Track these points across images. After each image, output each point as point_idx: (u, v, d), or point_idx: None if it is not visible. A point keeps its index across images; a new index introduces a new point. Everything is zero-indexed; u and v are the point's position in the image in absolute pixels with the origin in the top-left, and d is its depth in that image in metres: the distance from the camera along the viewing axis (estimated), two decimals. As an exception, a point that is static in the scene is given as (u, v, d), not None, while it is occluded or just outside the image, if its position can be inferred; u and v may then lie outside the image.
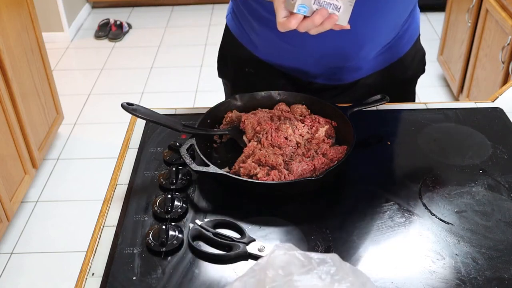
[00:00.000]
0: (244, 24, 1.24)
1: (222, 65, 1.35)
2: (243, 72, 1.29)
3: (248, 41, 1.25)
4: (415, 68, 1.32)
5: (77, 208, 2.46)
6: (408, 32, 1.23)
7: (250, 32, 1.23)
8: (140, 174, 1.01)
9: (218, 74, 1.37)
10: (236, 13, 1.26)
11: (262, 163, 0.96)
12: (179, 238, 0.86)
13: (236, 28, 1.27)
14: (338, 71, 1.21)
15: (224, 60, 1.34)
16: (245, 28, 1.24)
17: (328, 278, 0.68)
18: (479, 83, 2.63)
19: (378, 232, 0.89)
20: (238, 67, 1.30)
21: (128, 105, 0.99)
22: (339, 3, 0.88)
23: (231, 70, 1.33)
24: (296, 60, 1.20)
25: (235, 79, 1.33)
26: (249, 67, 1.27)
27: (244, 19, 1.23)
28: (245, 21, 1.23)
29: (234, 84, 1.33)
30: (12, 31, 2.33)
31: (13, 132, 2.28)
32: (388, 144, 1.08)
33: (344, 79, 1.24)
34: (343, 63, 1.19)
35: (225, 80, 1.37)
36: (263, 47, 1.23)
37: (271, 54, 1.22)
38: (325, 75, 1.23)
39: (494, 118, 1.16)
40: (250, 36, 1.23)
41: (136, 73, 3.51)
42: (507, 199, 0.94)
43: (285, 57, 1.21)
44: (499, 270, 0.82)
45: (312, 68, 1.21)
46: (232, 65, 1.32)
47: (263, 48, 1.23)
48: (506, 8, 2.30)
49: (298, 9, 0.87)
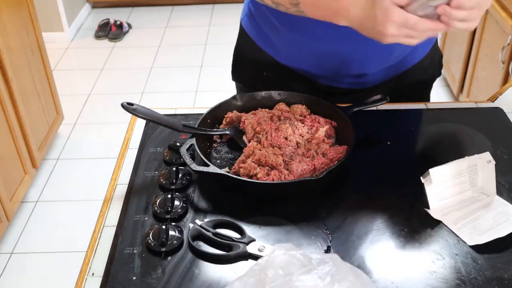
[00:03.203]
0: (264, 26, 1.19)
1: (238, 68, 1.31)
2: (261, 76, 1.24)
3: (268, 44, 1.20)
4: (432, 71, 1.29)
5: (77, 208, 2.46)
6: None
7: (272, 35, 1.18)
8: (140, 174, 1.01)
9: (232, 77, 1.33)
10: (254, 15, 1.21)
11: (262, 163, 0.96)
12: (179, 238, 0.86)
13: (253, 30, 1.22)
14: (361, 76, 1.18)
15: (240, 64, 1.30)
16: (265, 30, 1.19)
17: (328, 278, 0.68)
18: (479, 83, 2.63)
19: (378, 232, 0.89)
20: (256, 71, 1.25)
21: (128, 105, 0.99)
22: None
23: (248, 74, 1.28)
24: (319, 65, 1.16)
25: (252, 83, 1.27)
26: (267, 71, 1.23)
27: (265, 21, 1.18)
28: (266, 23, 1.18)
29: (251, 88, 1.24)
30: (12, 31, 2.33)
31: (13, 132, 2.28)
32: (388, 144, 1.08)
33: (367, 83, 1.21)
34: (368, 69, 1.16)
35: (240, 84, 1.33)
36: (285, 50, 1.18)
37: (294, 57, 1.18)
38: (348, 81, 1.19)
39: (494, 118, 1.16)
40: (272, 39, 1.19)
41: (136, 73, 3.51)
42: (507, 199, 0.94)
43: (308, 61, 1.17)
44: (499, 270, 0.82)
45: (336, 72, 1.17)
46: (249, 69, 1.27)
47: (285, 51, 1.18)
48: (506, 8, 2.30)
49: None
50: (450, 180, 0.92)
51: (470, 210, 0.92)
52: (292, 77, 1.21)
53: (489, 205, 0.93)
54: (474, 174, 0.94)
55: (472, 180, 0.94)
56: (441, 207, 0.91)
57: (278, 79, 1.23)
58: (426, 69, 1.26)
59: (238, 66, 1.31)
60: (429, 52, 1.24)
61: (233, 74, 1.33)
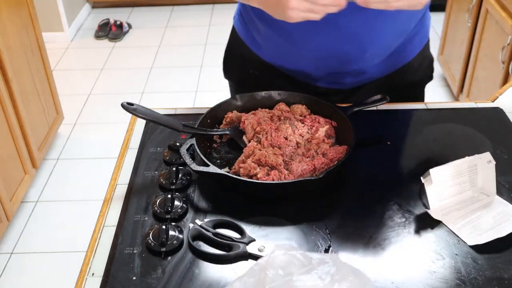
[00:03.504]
0: (250, 26, 1.23)
1: (228, 66, 1.34)
2: (248, 74, 1.28)
3: (253, 42, 1.24)
4: (422, 75, 1.29)
5: (77, 208, 2.46)
6: (416, 38, 1.21)
7: (255, 34, 1.22)
8: (140, 174, 1.01)
9: (223, 75, 1.36)
10: (243, 15, 1.25)
11: (262, 163, 0.96)
12: (179, 238, 0.86)
13: (242, 30, 1.26)
14: (341, 75, 1.20)
15: (230, 62, 1.33)
16: (251, 30, 1.23)
17: (328, 278, 0.68)
18: (479, 83, 2.63)
19: (378, 232, 0.89)
20: (243, 69, 1.29)
21: (128, 105, 0.99)
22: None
23: (236, 72, 1.32)
24: (298, 62, 1.19)
25: (239, 80, 1.32)
26: (253, 69, 1.27)
27: (250, 21, 1.22)
28: (251, 22, 1.22)
29: (238, 85, 1.33)
30: (12, 31, 2.33)
31: (13, 132, 2.28)
32: (388, 144, 1.08)
33: (348, 84, 1.22)
34: (346, 67, 1.18)
35: (230, 81, 1.36)
36: (267, 48, 1.22)
37: (275, 56, 1.22)
38: (328, 79, 1.21)
39: (494, 118, 1.16)
40: (255, 38, 1.23)
41: (136, 73, 3.51)
42: (507, 199, 0.94)
43: (288, 59, 1.20)
44: (499, 270, 0.82)
45: (315, 71, 1.20)
46: (237, 67, 1.31)
47: (267, 49, 1.22)
48: (506, 8, 2.30)
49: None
50: (450, 180, 0.92)
51: (470, 210, 0.92)
52: (276, 75, 1.24)
53: (489, 205, 0.93)
54: (474, 174, 0.94)
55: (472, 180, 0.94)
56: (441, 207, 0.91)
57: (264, 78, 1.25)
58: (416, 70, 1.26)
59: (228, 64, 1.34)
60: (419, 53, 1.24)
61: (224, 72, 1.36)
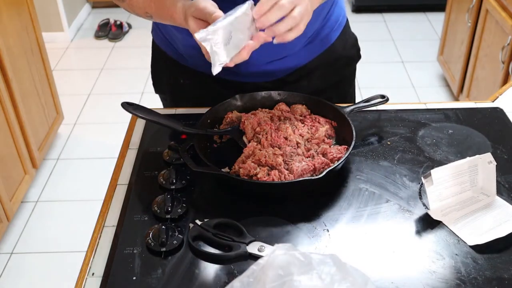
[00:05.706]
0: (169, 37, 1.24)
1: (157, 81, 1.35)
2: (179, 84, 1.28)
3: (175, 53, 1.25)
4: (348, 54, 1.32)
5: (77, 208, 2.46)
6: (333, 20, 1.23)
7: (175, 44, 1.23)
8: (140, 174, 1.01)
9: (154, 90, 1.37)
10: (160, 27, 1.26)
11: (262, 163, 0.96)
12: (179, 238, 0.86)
13: (162, 43, 1.27)
14: (268, 66, 1.19)
15: (158, 76, 1.34)
16: (170, 41, 1.24)
17: (328, 278, 0.68)
18: (479, 83, 2.63)
19: (378, 232, 0.89)
20: (173, 80, 1.29)
21: (128, 105, 1.00)
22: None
23: (167, 85, 1.32)
24: None
25: (172, 92, 1.32)
26: (183, 78, 1.27)
27: (168, 32, 1.23)
28: (168, 33, 1.23)
29: (173, 97, 1.33)
30: (12, 31, 2.33)
31: (13, 132, 2.28)
32: (388, 144, 1.08)
33: (277, 74, 1.22)
34: (270, 58, 1.18)
35: (163, 95, 1.37)
36: (188, 56, 1.22)
37: (197, 61, 1.19)
38: (256, 73, 1.20)
39: (494, 118, 1.16)
40: (176, 48, 1.23)
41: (136, 73, 3.51)
42: (507, 199, 0.94)
43: (210, 62, 1.19)
44: (499, 270, 0.82)
45: (242, 68, 1.17)
46: (167, 80, 1.32)
47: (188, 57, 1.22)
48: (506, 8, 2.30)
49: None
50: (450, 180, 0.92)
51: (470, 210, 0.92)
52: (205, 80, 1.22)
53: (489, 205, 0.93)
54: (475, 174, 0.94)
55: (472, 180, 0.94)
56: (441, 207, 0.91)
57: (194, 84, 1.26)
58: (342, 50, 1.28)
59: (157, 79, 1.36)
60: (340, 35, 1.27)
61: (155, 87, 1.37)
